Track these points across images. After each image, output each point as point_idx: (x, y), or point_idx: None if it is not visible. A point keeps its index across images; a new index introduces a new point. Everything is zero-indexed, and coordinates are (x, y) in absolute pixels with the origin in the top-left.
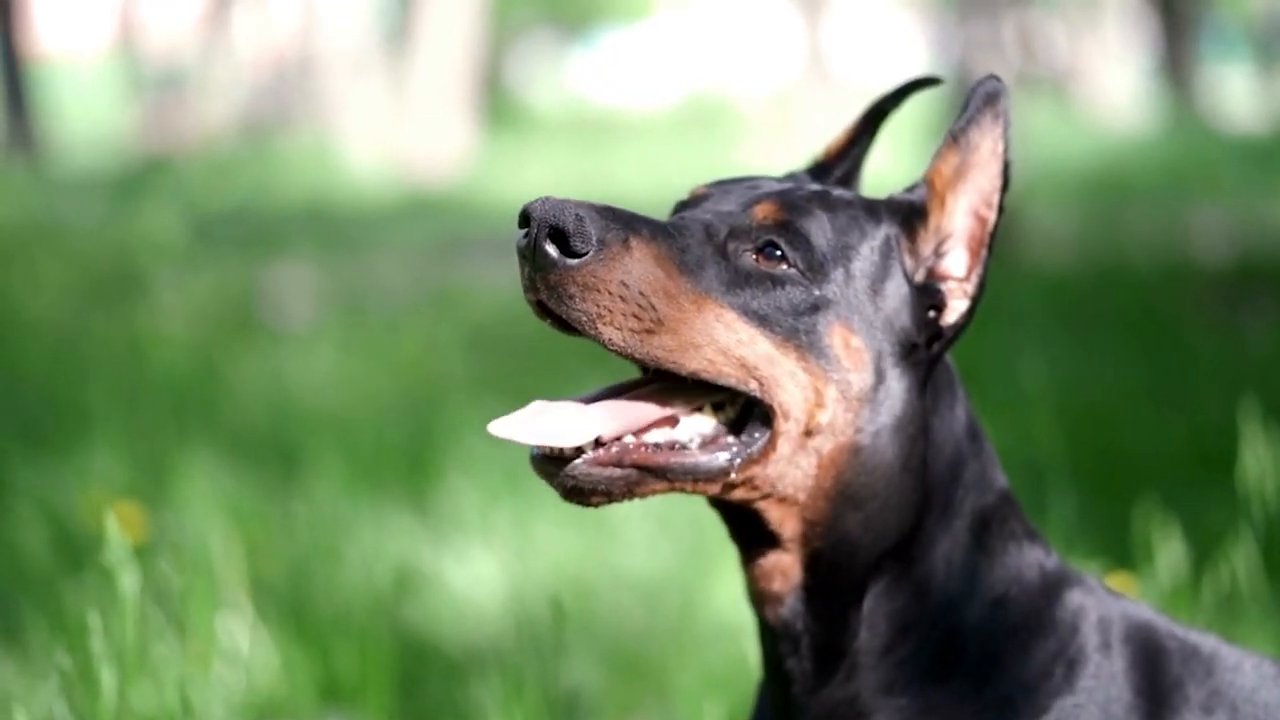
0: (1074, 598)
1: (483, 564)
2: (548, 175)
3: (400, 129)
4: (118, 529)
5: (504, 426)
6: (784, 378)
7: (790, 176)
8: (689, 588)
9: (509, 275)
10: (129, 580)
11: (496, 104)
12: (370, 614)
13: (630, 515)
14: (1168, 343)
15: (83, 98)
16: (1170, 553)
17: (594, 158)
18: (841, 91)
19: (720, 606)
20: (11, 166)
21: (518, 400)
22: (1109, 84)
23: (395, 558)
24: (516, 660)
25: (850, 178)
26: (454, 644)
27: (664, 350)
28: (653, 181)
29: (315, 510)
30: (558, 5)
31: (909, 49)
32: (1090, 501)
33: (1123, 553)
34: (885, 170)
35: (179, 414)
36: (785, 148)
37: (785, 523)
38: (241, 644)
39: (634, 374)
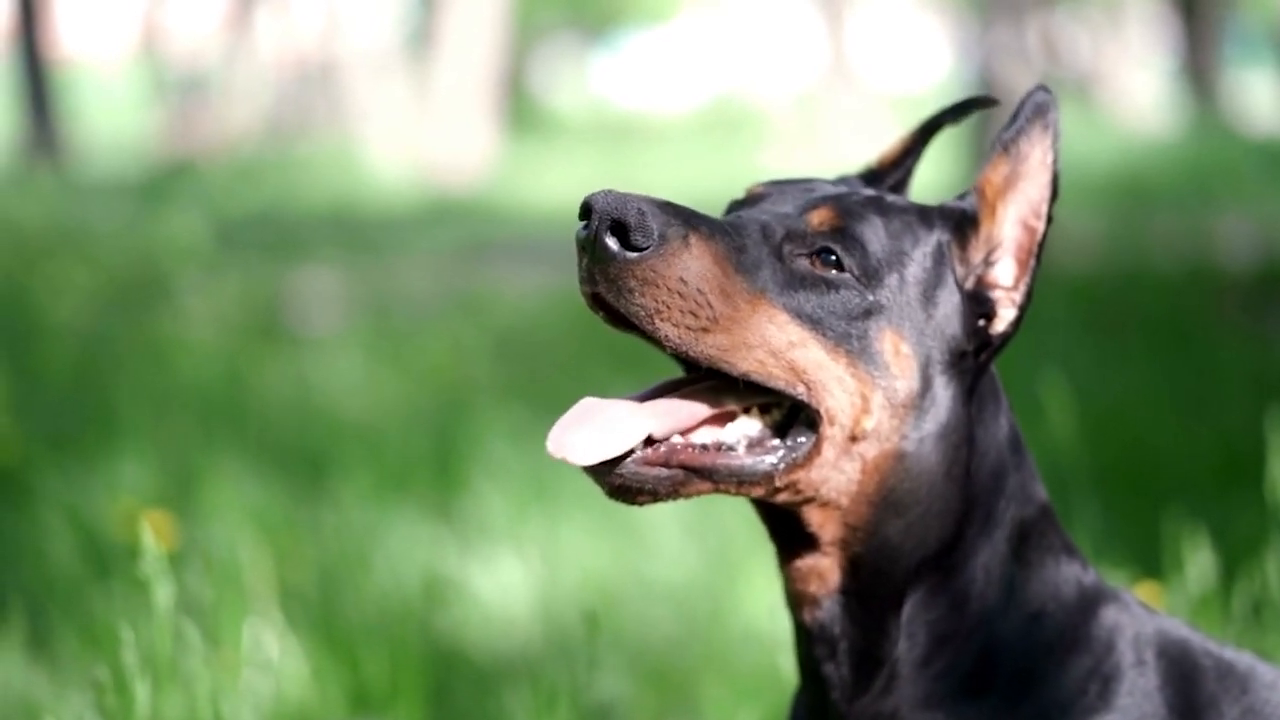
0: (1109, 614)
1: (510, 572)
2: (571, 179)
3: (423, 133)
4: (152, 540)
5: (560, 443)
6: (832, 383)
7: (843, 180)
8: (718, 595)
9: (534, 279)
10: (164, 592)
11: (519, 107)
12: (400, 622)
13: (658, 522)
14: (1192, 348)
15: (106, 102)
16: (1199, 562)
17: (617, 161)
18: (865, 95)
19: (750, 614)
20: (36, 171)
21: (544, 406)
22: (1132, 88)
23: (423, 566)
24: (546, 669)
25: (901, 187)
26: (483, 652)
27: (717, 349)
28: (676, 185)
29: (343, 518)
30: (580, 8)
31: (932, 53)
32: (1116, 508)
33: (1150, 561)
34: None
35: (205, 420)
36: (809, 151)
37: (826, 526)
38: (271, 653)
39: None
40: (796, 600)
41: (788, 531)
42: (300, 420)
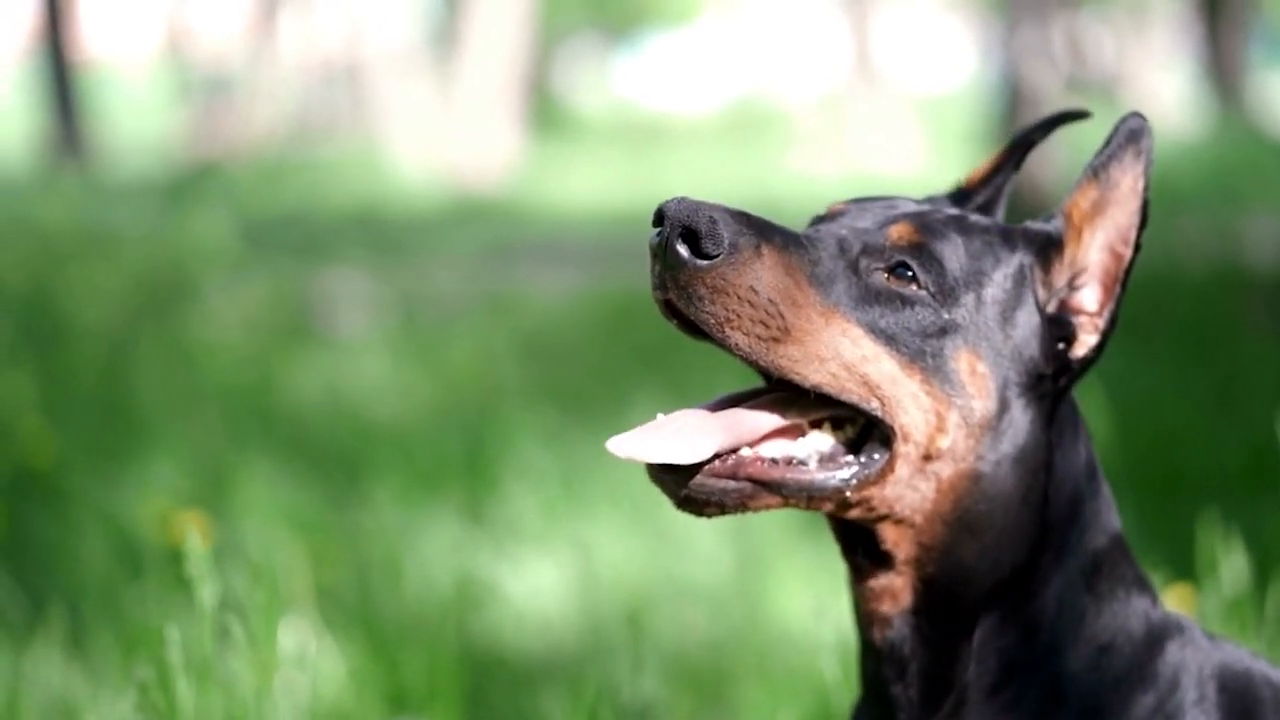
0: (1174, 650)
1: (543, 573)
2: (595, 180)
3: (448, 134)
4: (196, 541)
5: (625, 445)
6: (906, 399)
7: (930, 200)
8: (752, 596)
9: (560, 281)
10: (208, 593)
11: (543, 109)
12: (435, 623)
13: (690, 523)
14: (1221, 351)
15: (131, 104)
16: (1232, 565)
17: (641, 162)
18: (889, 97)
19: (786, 615)
20: (61, 173)
21: (573, 407)
22: (1157, 89)
23: (456, 567)
24: (582, 671)
25: (992, 206)
26: (518, 653)
27: (789, 360)
28: (701, 186)
29: (375, 519)
30: (603, 9)
31: (957, 54)
32: (1145, 510)
33: (1181, 564)
34: (928, 171)
35: (235, 422)
36: (833, 152)
37: (900, 545)
38: (308, 653)
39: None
40: (868, 620)
41: (862, 549)
42: (330, 422)
